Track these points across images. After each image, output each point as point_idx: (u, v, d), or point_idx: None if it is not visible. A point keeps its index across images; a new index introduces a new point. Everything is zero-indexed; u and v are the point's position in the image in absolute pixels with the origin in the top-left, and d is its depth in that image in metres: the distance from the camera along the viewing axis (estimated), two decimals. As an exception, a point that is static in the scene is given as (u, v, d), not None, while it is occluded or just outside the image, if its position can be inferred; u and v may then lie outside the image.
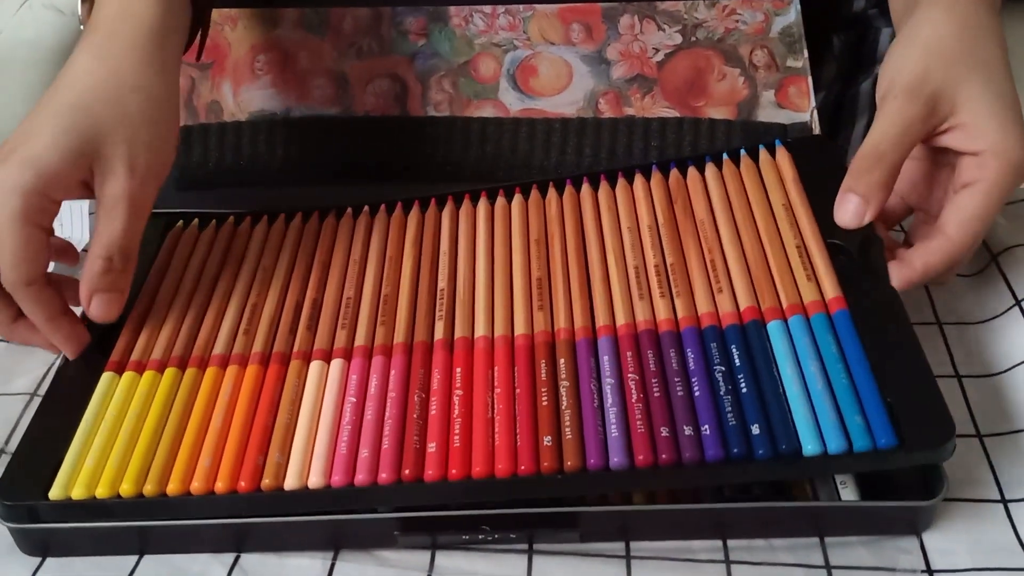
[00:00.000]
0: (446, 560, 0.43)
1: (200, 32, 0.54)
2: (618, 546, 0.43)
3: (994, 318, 0.52)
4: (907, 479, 0.44)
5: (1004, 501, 0.44)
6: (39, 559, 0.43)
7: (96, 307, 0.46)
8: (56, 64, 0.81)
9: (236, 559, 0.43)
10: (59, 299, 0.47)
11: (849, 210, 0.45)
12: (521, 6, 0.59)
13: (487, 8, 0.59)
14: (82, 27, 0.52)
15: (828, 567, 0.42)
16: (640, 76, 0.59)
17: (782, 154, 0.53)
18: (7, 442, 0.48)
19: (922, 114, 0.45)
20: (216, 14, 0.59)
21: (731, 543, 0.43)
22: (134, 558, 0.43)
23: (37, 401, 0.49)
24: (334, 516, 0.43)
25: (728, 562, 0.42)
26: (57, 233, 0.48)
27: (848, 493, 0.43)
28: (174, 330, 0.48)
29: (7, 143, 0.45)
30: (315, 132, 0.61)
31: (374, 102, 0.60)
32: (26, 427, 0.45)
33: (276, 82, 0.61)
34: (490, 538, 0.43)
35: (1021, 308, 0.52)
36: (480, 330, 0.47)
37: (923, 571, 0.42)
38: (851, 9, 0.70)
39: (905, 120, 0.45)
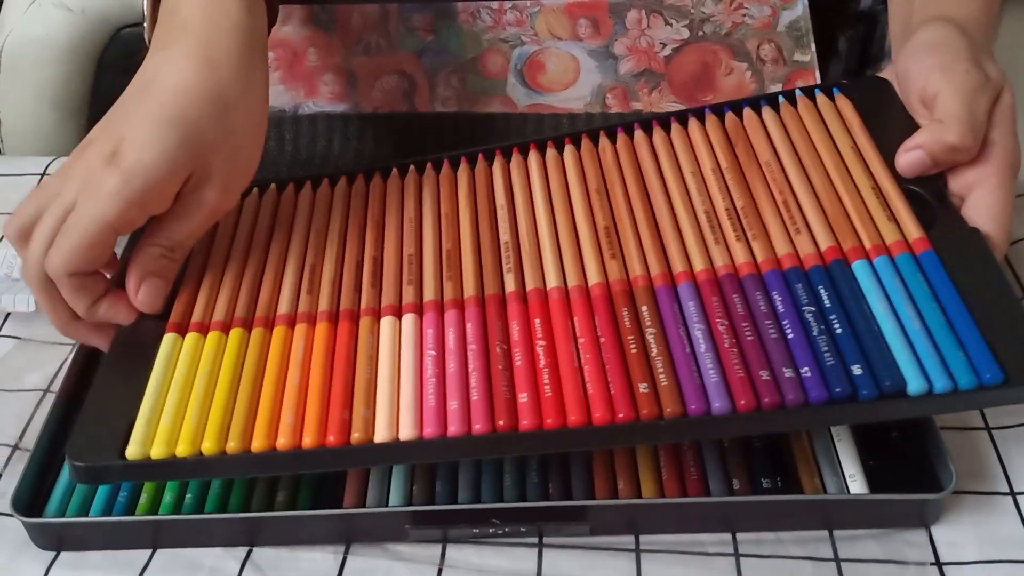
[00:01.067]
0: (457, 553, 0.43)
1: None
2: (628, 539, 0.43)
3: (1002, 311, 0.52)
4: (916, 472, 0.44)
5: (1013, 493, 0.44)
6: (53, 553, 0.43)
7: (145, 291, 0.45)
8: (66, 62, 0.82)
9: (248, 553, 0.43)
10: (103, 282, 0.45)
11: (914, 164, 0.46)
12: (528, 1, 0.59)
13: (494, 4, 0.60)
14: (145, 23, 0.50)
15: (837, 560, 0.42)
16: (647, 71, 0.60)
17: (842, 101, 0.51)
18: (21, 437, 0.48)
19: (992, 94, 0.46)
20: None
21: (740, 536, 0.43)
22: (147, 552, 0.43)
23: (50, 398, 0.49)
24: (346, 510, 0.43)
25: (737, 555, 0.42)
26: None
27: (857, 486, 0.43)
28: (233, 292, 0.47)
29: (101, 140, 0.43)
30: (323, 129, 0.61)
31: (382, 98, 0.61)
32: (90, 390, 0.44)
33: (285, 79, 0.61)
34: (500, 531, 0.43)
35: (1029, 301, 0.52)
36: (552, 281, 0.45)
37: (932, 563, 0.42)
38: (858, 5, 0.70)
39: (986, 95, 0.45)
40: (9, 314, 0.55)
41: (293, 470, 0.42)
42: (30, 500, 0.44)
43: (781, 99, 0.51)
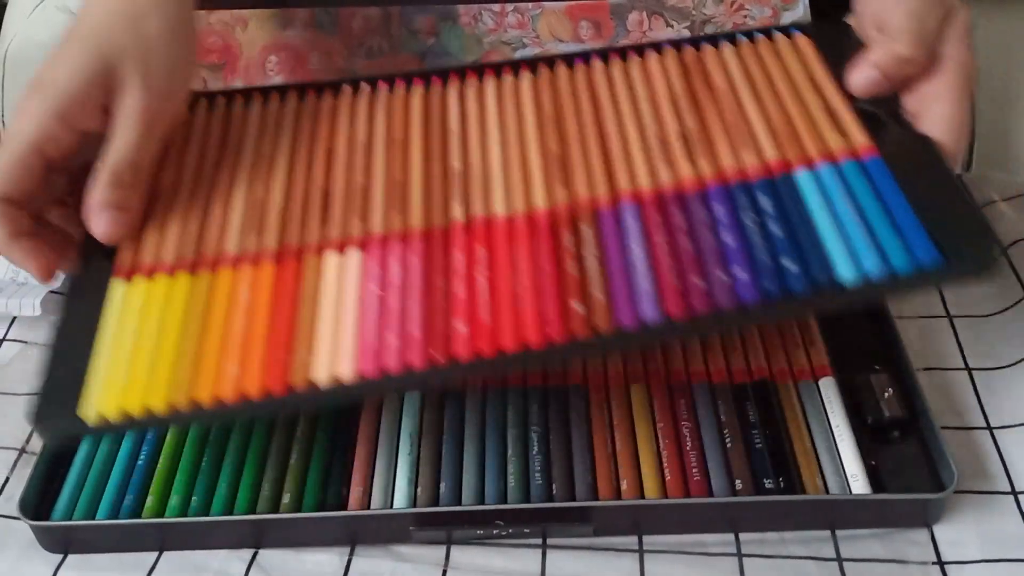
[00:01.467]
0: (461, 555, 0.43)
1: None
2: (631, 540, 0.43)
3: (1004, 311, 0.53)
4: (917, 472, 0.44)
5: (1014, 492, 0.44)
6: (60, 555, 0.44)
7: (101, 223, 0.44)
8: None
9: (254, 555, 0.43)
10: (27, 221, 0.45)
11: (867, 82, 0.46)
12: (530, 4, 0.60)
13: (496, 6, 0.60)
14: None
15: (839, 560, 0.42)
16: (649, 72, 0.60)
17: (802, 40, 0.51)
18: (28, 441, 0.49)
19: (943, 9, 0.46)
20: (226, 15, 0.59)
21: (743, 536, 0.43)
22: (154, 554, 0.44)
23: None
24: (350, 512, 0.43)
25: (740, 555, 0.42)
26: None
27: (859, 486, 0.43)
28: (181, 228, 0.46)
29: (33, 79, 0.45)
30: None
31: (385, 101, 0.61)
32: (48, 346, 0.43)
33: (288, 82, 0.61)
34: (504, 533, 0.43)
35: (1031, 300, 0.52)
36: (499, 208, 0.45)
37: (933, 563, 0.42)
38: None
39: (936, 9, 0.45)
40: (15, 318, 0.55)
41: (241, 417, 0.44)
42: (37, 503, 0.44)
43: (740, 37, 0.52)
